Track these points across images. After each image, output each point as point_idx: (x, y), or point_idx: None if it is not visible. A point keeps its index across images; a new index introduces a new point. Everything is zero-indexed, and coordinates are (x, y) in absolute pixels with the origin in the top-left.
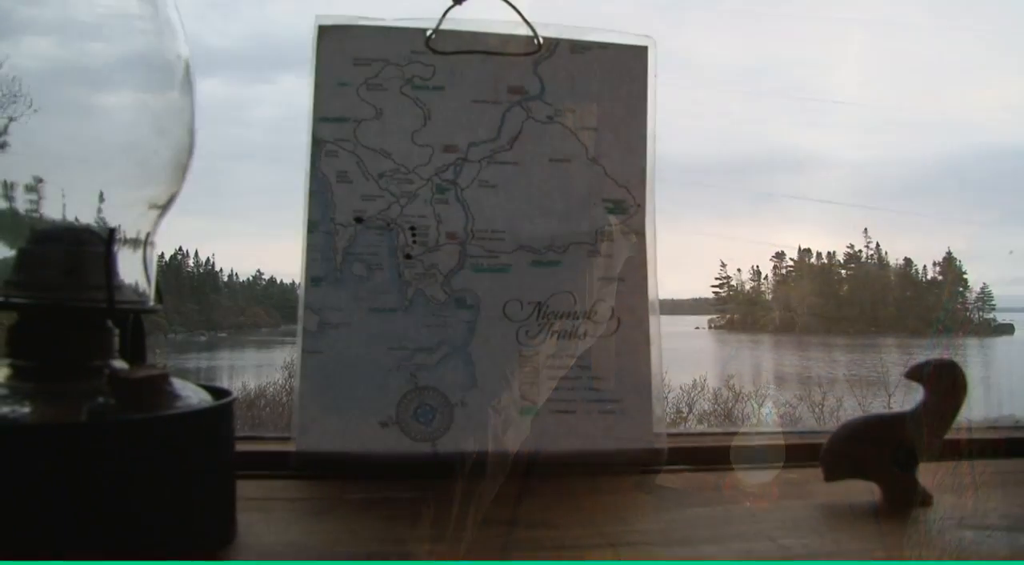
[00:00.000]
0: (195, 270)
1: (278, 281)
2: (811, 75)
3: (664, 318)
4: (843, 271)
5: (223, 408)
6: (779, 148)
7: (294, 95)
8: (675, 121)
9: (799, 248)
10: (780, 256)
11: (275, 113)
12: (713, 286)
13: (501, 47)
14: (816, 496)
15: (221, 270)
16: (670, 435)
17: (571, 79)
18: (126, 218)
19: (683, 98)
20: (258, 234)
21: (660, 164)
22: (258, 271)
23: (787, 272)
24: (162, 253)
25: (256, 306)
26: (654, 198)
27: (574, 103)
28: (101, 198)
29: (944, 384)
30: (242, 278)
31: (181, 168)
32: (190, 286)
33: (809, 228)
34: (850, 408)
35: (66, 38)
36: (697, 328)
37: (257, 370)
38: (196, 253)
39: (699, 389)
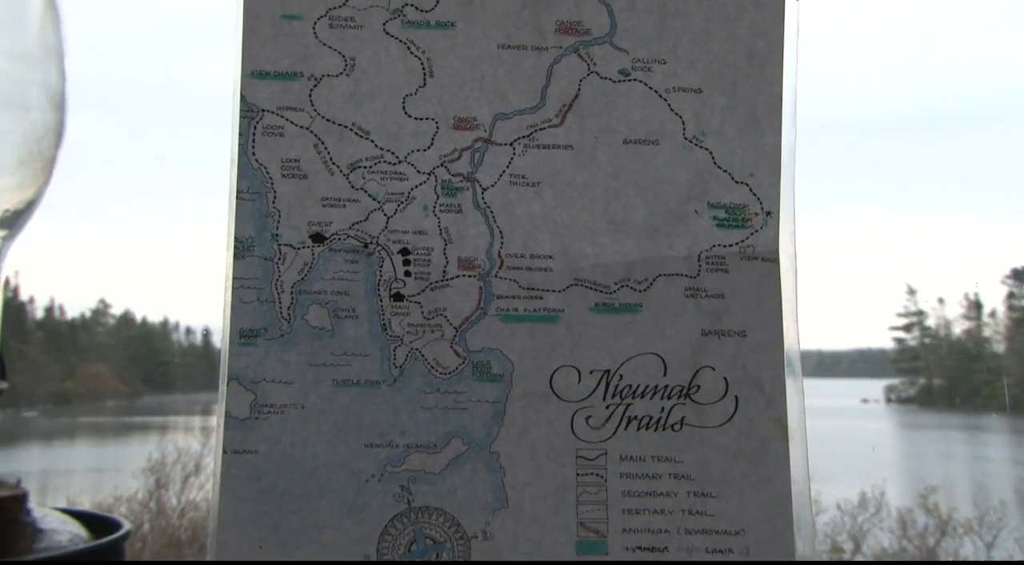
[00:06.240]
0: None
1: (138, 319)
2: None
3: (809, 384)
4: None
5: (109, 549)
6: (1009, 87)
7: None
8: (822, 45)
9: None
10: (1020, 276)
11: (123, 23)
12: (894, 329)
13: None
14: None
15: (32, 299)
16: None
17: (659, 8)
18: None
19: (835, 13)
20: (105, 241)
21: (800, 124)
22: (102, 302)
23: None
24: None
25: (98, 363)
26: (793, 200)
27: (663, 48)
28: None
29: None
30: (71, 314)
31: (43, 160)
32: None
33: None
34: None
35: None
36: (866, 401)
37: (96, 478)
38: None
39: (873, 510)
